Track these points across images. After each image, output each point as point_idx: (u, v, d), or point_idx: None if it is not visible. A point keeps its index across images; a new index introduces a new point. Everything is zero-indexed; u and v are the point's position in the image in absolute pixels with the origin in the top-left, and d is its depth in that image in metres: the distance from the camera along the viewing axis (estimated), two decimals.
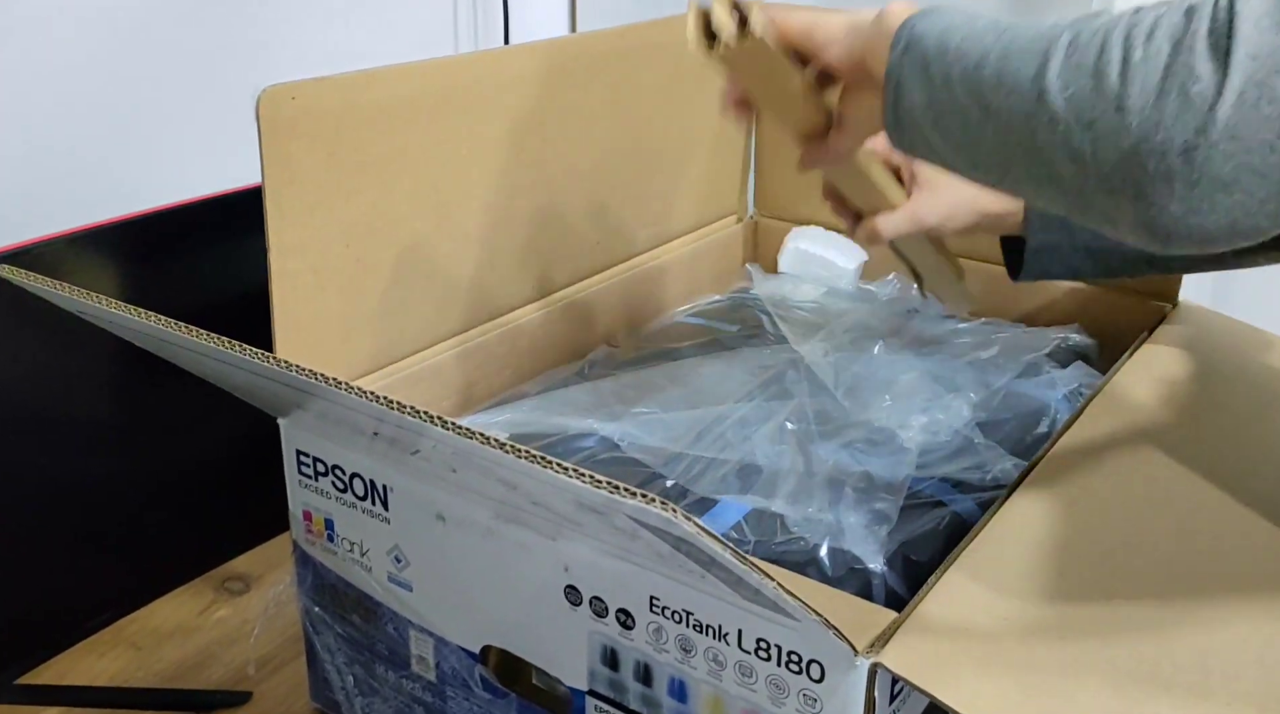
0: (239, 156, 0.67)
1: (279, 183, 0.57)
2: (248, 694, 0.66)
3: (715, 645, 0.45)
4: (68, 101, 0.89)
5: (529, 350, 0.78)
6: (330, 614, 0.61)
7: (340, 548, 0.59)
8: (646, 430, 0.64)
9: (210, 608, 0.74)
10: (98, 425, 0.69)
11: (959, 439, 0.64)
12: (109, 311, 0.44)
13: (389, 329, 0.67)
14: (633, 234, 0.87)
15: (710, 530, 0.33)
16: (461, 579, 0.54)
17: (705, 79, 0.90)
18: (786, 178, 0.96)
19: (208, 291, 0.72)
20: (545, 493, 0.40)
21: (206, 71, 0.97)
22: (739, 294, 0.88)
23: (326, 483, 0.58)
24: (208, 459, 0.75)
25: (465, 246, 0.71)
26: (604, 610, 0.49)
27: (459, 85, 0.67)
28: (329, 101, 0.59)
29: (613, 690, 0.50)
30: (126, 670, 0.68)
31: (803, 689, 0.44)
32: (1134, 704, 0.42)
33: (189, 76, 0.96)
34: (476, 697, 0.56)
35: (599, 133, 0.80)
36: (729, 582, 0.40)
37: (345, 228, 0.62)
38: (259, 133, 0.54)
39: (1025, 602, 0.47)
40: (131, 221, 0.68)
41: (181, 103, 0.96)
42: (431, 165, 0.67)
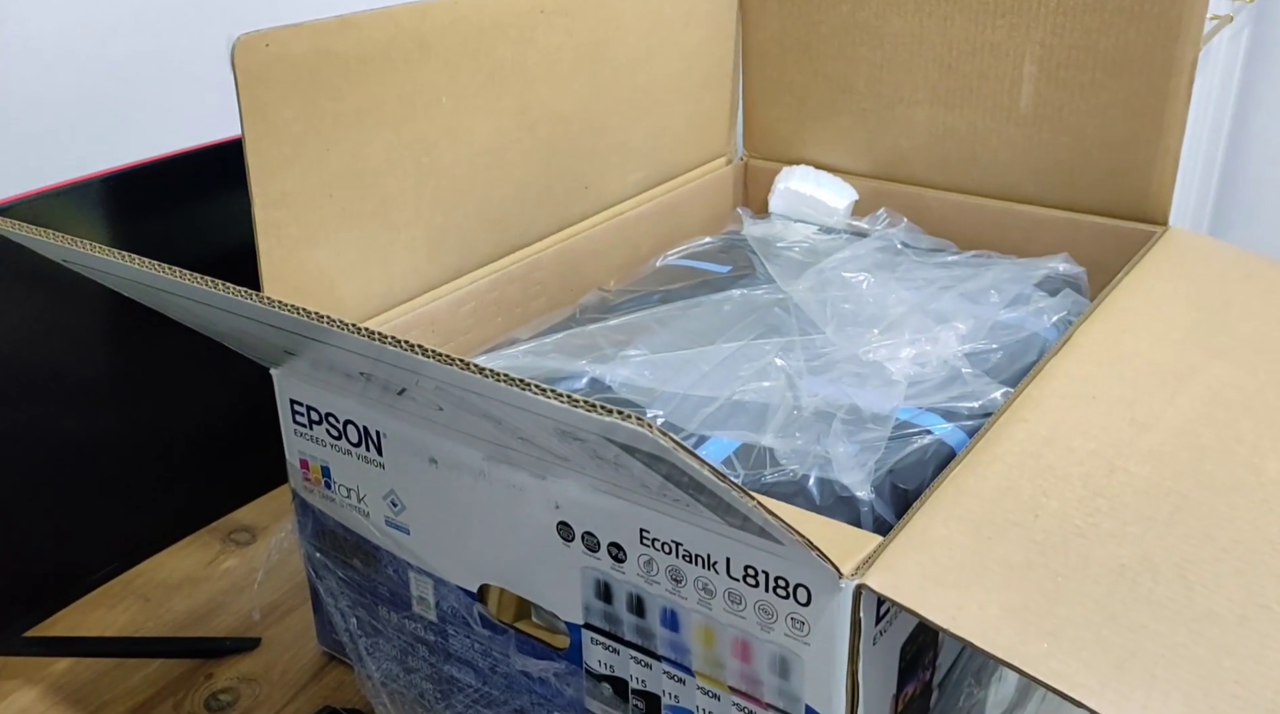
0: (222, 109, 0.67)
1: (258, 133, 0.57)
2: (257, 640, 0.68)
3: (705, 574, 0.46)
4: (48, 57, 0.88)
5: (520, 297, 0.78)
6: (332, 559, 0.62)
7: (338, 494, 0.60)
8: (637, 371, 0.64)
9: (217, 559, 0.75)
10: (100, 381, 0.69)
11: (947, 370, 0.64)
12: (98, 257, 0.45)
13: (377, 279, 0.67)
14: (622, 178, 0.87)
15: (686, 446, 0.33)
16: (456, 521, 0.55)
17: (691, 19, 0.89)
18: (776, 118, 0.96)
19: (194, 245, 0.73)
20: (528, 423, 0.40)
21: (185, 23, 0.96)
22: (730, 236, 0.88)
23: (321, 431, 0.59)
24: (210, 412, 0.75)
25: (451, 196, 0.71)
26: (596, 545, 0.50)
27: (437, 29, 0.67)
28: (304, 48, 0.58)
29: (607, 623, 0.51)
30: (136, 621, 0.70)
31: (790, 613, 0.44)
32: (1115, 615, 0.43)
33: (169, 28, 0.95)
34: (477, 634, 0.57)
35: (584, 76, 0.79)
36: (715, 508, 0.41)
37: (328, 178, 0.62)
38: (235, 83, 0.54)
39: (1009, 522, 0.47)
40: (116, 175, 0.68)
41: (162, 55, 0.95)
42: (412, 115, 0.66)
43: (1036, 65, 0.80)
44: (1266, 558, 0.47)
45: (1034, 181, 0.83)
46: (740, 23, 0.94)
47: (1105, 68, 0.77)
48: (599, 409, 0.34)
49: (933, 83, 0.85)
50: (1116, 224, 0.80)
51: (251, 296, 0.41)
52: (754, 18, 0.93)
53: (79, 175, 0.67)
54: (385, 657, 0.62)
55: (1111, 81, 0.77)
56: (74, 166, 0.68)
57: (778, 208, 0.91)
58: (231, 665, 0.66)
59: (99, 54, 0.91)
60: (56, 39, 0.88)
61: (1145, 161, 0.78)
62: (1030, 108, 0.81)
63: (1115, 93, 0.77)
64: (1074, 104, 0.79)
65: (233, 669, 0.66)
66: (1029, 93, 0.80)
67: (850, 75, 0.89)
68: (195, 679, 0.65)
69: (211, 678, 0.65)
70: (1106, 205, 0.81)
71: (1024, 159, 0.82)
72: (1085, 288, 0.76)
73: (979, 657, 0.57)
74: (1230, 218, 2.44)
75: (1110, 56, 0.77)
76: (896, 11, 0.85)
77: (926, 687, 0.52)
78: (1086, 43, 0.77)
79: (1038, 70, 0.80)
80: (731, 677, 0.48)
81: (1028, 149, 0.82)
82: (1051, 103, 0.80)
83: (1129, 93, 0.77)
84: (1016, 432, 0.54)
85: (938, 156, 0.87)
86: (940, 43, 0.83)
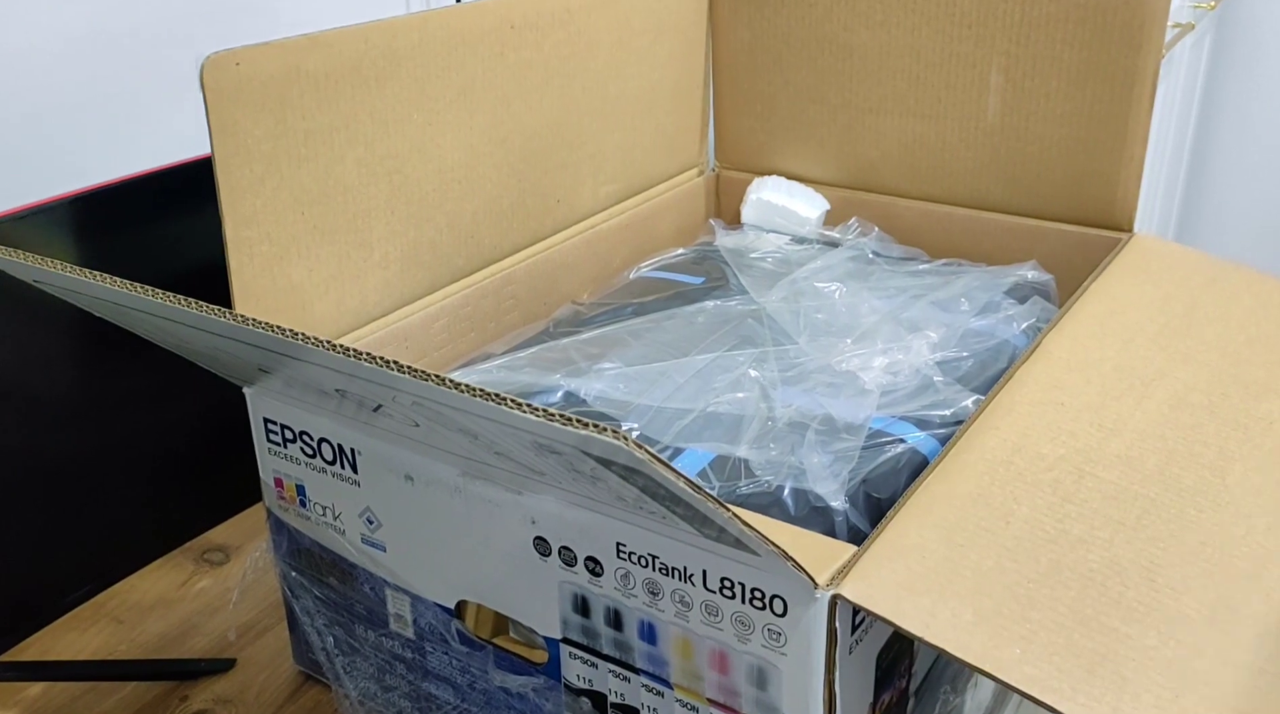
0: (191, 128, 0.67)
1: (228, 151, 0.57)
2: (232, 661, 0.67)
3: (681, 587, 0.47)
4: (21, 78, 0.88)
5: (493, 312, 0.78)
6: (308, 578, 0.62)
7: (313, 512, 0.60)
8: (611, 385, 0.64)
9: (191, 579, 0.74)
10: (70, 401, 0.69)
11: (919, 378, 0.65)
12: (69, 277, 0.44)
13: (349, 296, 0.67)
14: (594, 191, 0.87)
15: (661, 458, 0.34)
16: (433, 538, 0.55)
17: (661, 32, 0.90)
18: (746, 129, 0.96)
19: (164, 264, 0.72)
20: (505, 437, 0.40)
21: (159, 42, 0.96)
22: (702, 247, 0.89)
23: (295, 449, 0.59)
24: (182, 432, 0.75)
25: (422, 211, 0.71)
26: (573, 559, 0.50)
27: (407, 46, 0.67)
28: (273, 67, 0.58)
29: (586, 637, 0.51)
30: (110, 644, 0.69)
31: (767, 624, 0.45)
32: (1085, 619, 0.44)
33: (142, 48, 0.95)
34: (455, 650, 0.57)
35: (554, 91, 0.80)
36: (690, 519, 0.41)
37: (298, 196, 0.62)
38: (204, 102, 0.54)
39: (981, 529, 0.48)
40: (83, 196, 0.68)
41: (133, 75, 0.95)
42: (383, 131, 0.66)
43: (1003, 75, 0.81)
44: (1233, 560, 0.48)
45: (1002, 190, 0.84)
46: (710, 35, 0.95)
47: (1069, 77, 0.78)
48: (574, 422, 0.34)
49: (901, 93, 0.86)
50: (1083, 231, 0.81)
51: (225, 315, 0.41)
52: (724, 30, 0.94)
53: (44, 197, 0.67)
54: (363, 675, 0.61)
55: (1076, 91, 0.78)
56: (41, 187, 0.68)
57: (750, 218, 0.91)
58: (207, 687, 0.66)
59: (61, 75, 0.90)
60: (17, 58, 0.88)
61: (1110, 169, 0.79)
62: (997, 117, 0.82)
63: (1079, 102, 0.78)
64: (1040, 113, 0.80)
65: (208, 691, 0.65)
66: (996, 102, 0.82)
67: (820, 86, 0.90)
68: (170, 702, 0.65)
69: (187, 700, 0.65)
70: (1073, 212, 0.82)
71: (992, 167, 0.83)
72: (1054, 294, 0.77)
73: (953, 665, 0.58)
74: (1195, 223, 2.48)
75: (1074, 66, 0.78)
76: (864, 23, 0.86)
77: (903, 694, 0.52)
78: (1050, 53, 0.78)
79: (1004, 80, 0.81)
80: (710, 688, 0.48)
81: (995, 158, 0.83)
82: (1018, 112, 0.81)
83: (1093, 101, 0.78)
84: (988, 439, 0.54)
85: (907, 166, 0.87)
86: (908, 54, 0.84)
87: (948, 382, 0.65)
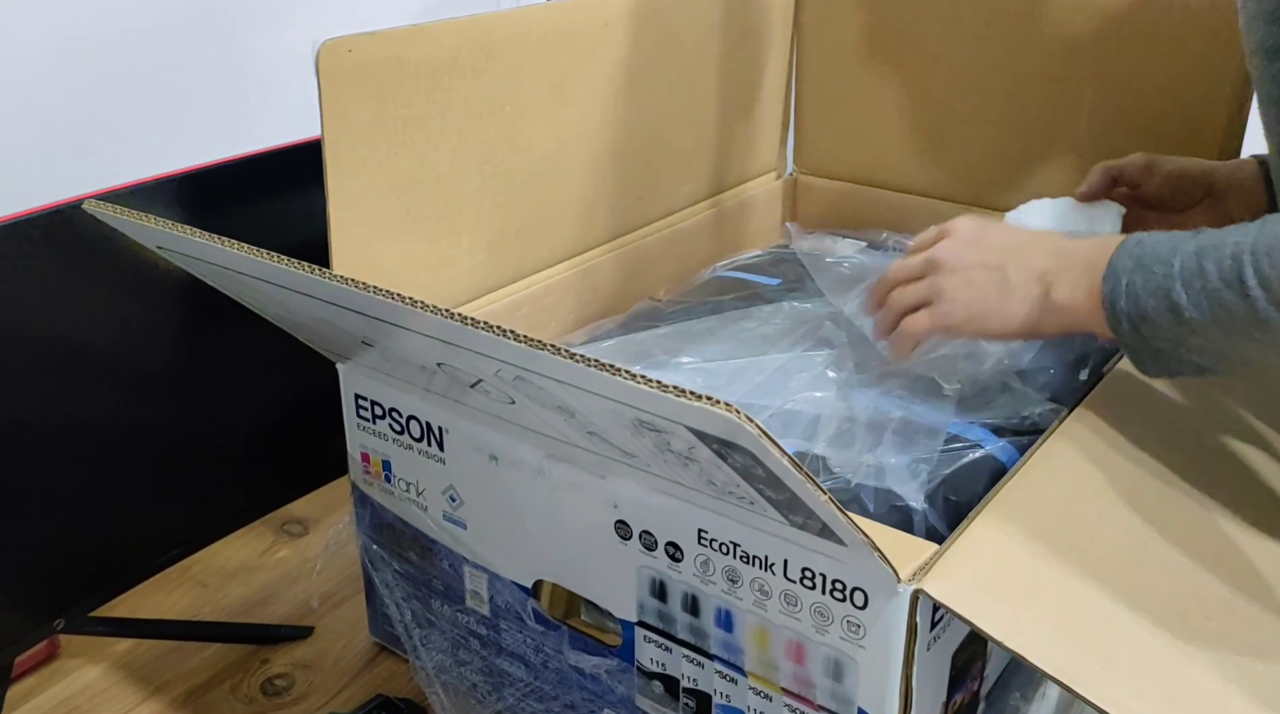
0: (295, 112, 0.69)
1: (337, 135, 0.59)
2: (310, 629, 0.69)
3: (761, 576, 0.47)
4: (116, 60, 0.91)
5: (574, 303, 0.80)
6: (388, 552, 0.64)
7: (397, 488, 0.61)
8: (690, 378, 0.65)
9: (271, 549, 0.77)
10: (165, 374, 0.71)
11: (998, 385, 0.65)
12: (195, 242, 0.46)
13: (438, 281, 0.69)
14: (674, 190, 0.88)
15: (772, 436, 0.34)
16: (514, 517, 0.56)
17: (747, 36, 0.91)
18: (827, 134, 0.97)
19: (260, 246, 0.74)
20: (604, 414, 0.41)
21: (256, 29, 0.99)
22: (779, 250, 0.89)
23: (384, 425, 0.61)
24: (268, 407, 0.77)
25: (510, 201, 0.73)
26: (653, 544, 0.51)
27: (503, 40, 0.69)
28: (380, 55, 0.60)
29: (661, 621, 0.52)
30: (194, 606, 0.71)
31: (846, 616, 0.45)
32: (1166, 645, 0.43)
33: (240, 34, 0.98)
34: (529, 629, 0.58)
35: (643, 89, 0.81)
36: (780, 504, 0.42)
37: (394, 181, 0.64)
38: (318, 85, 0.56)
39: (1061, 539, 0.48)
40: (188, 175, 0.70)
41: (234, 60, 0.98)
42: (477, 122, 0.68)
43: (1094, 90, 0.80)
44: None
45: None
46: (795, 40, 0.95)
47: (1161, 92, 0.78)
48: (687, 394, 0.35)
49: (986, 104, 0.86)
50: None
51: (347, 281, 0.43)
52: (809, 36, 0.94)
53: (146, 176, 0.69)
54: (438, 649, 0.63)
55: (1167, 105, 0.78)
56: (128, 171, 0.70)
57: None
58: (286, 652, 0.68)
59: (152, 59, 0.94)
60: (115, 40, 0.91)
61: None
62: (1087, 131, 0.81)
63: (1171, 116, 0.78)
64: (1131, 128, 0.79)
65: (288, 656, 0.68)
66: (1086, 116, 0.81)
67: (902, 95, 0.90)
68: (251, 664, 0.67)
69: (268, 663, 0.67)
70: None
71: (1079, 180, 0.83)
72: None
73: (1025, 672, 0.58)
74: None
75: (1166, 80, 0.77)
76: (952, 34, 0.86)
77: (974, 697, 0.53)
78: (1145, 67, 0.78)
79: (1095, 95, 0.80)
80: (784, 678, 0.49)
81: (1083, 171, 0.83)
82: (1109, 126, 0.80)
83: (1185, 116, 0.77)
84: (1069, 449, 0.54)
85: (989, 176, 0.87)
86: (995, 66, 0.84)
87: (1026, 390, 0.64)
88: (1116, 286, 0.51)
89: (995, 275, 0.58)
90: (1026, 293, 0.56)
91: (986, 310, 0.58)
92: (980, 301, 0.58)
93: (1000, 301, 0.57)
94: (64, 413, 0.62)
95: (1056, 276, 0.55)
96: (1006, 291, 0.57)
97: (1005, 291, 0.57)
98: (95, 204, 0.50)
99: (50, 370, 0.60)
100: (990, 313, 0.57)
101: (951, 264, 0.59)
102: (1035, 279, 0.56)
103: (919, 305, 0.60)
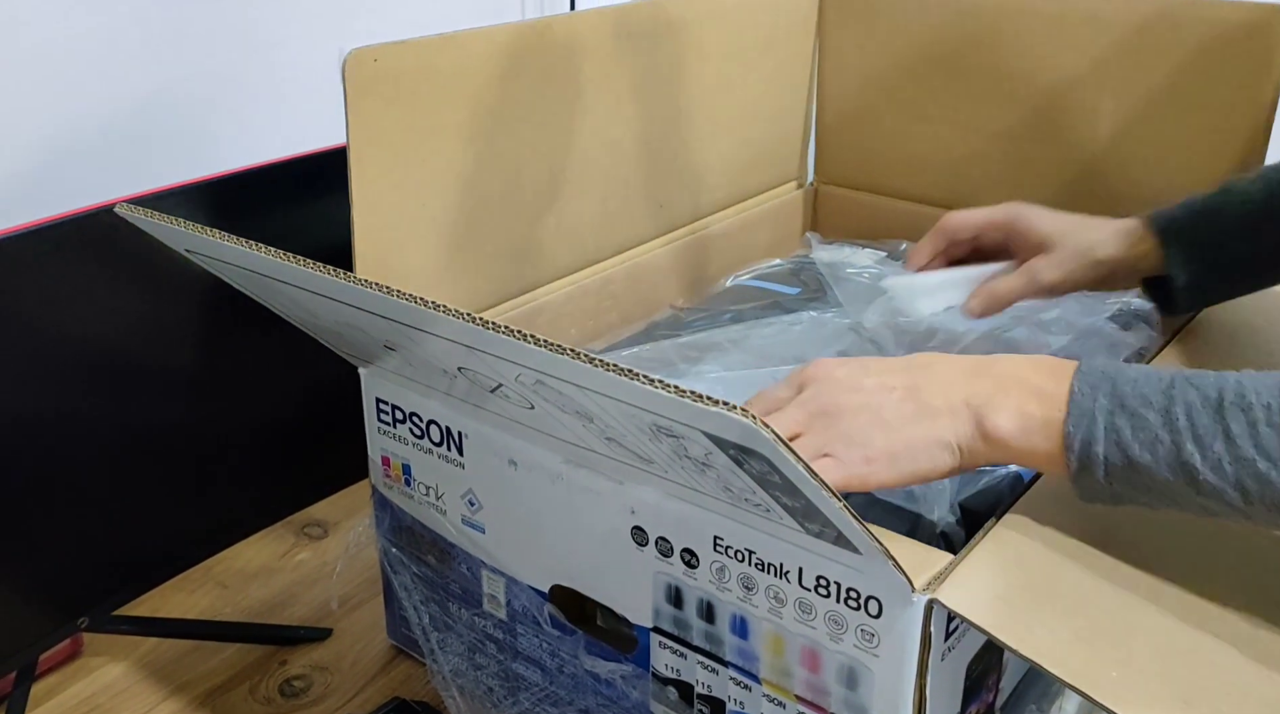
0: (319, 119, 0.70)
1: (362, 142, 0.59)
2: (329, 630, 0.70)
3: (776, 583, 0.47)
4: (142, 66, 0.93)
5: (593, 309, 0.80)
6: (407, 555, 0.64)
7: (417, 491, 0.62)
8: (710, 387, 0.65)
9: (291, 551, 0.78)
10: (188, 376, 0.72)
11: None
12: (224, 246, 0.47)
13: (460, 286, 0.70)
14: (695, 199, 0.89)
15: (788, 443, 0.35)
16: (532, 522, 0.57)
17: (769, 46, 0.91)
18: (848, 144, 0.97)
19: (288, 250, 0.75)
20: (623, 418, 0.42)
21: (283, 37, 1.00)
22: (799, 259, 0.90)
23: (404, 430, 0.61)
24: (289, 410, 0.78)
25: (533, 209, 0.73)
26: (669, 550, 0.51)
27: (528, 49, 0.69)
28: (406, 64, 0.61)
29: (676, 628, 0.52)
30: (215, 606, 0.72)
31: (861, 625, 0.45)
32: (1182, 650, 0.43)
33: (260, 40, 0.99)
34: (545, 634, 0.58)
35: (664, 98, 0.81)
36: (795, 511, 0.42)
37: (419, 187, 0.65)
38: (344, 93, 0.57)
39: (1079, 549, 0.48)
40: (218, 181, 0.71)
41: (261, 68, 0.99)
42: (501, 130, 0.69)
43: (1115, 101, 0.80)
44: None
45: (1109, 215, 0.83)
46: (817, 51, 0.96)
47: (1182, 104, 0.77)
48: (705, 400, 0.35)
49: (1009, 116, 0.86)
50: None
51: (371, 285, 0.44)
52: (831, 47, 0.95)
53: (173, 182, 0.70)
54: (454, 652, 0.64)
55: (1187, 118, 0.77)
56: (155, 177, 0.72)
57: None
58: (304, 654, 0.68)
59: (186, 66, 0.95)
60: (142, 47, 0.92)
61: None
62: (1107, 143, 0.81)
63: (1190, 129, 0.77)
64: (1150, 139, 0.79)
65: (306, 657, 0.68)
66: (1106, 128, 0.81)
67: (924, 106, 0.90)
68: (270, 665, 0.68)
69: (286, 664, 0.68)
70: None
71: (1100, 191, 0.83)
72: (1157, 323, 0.76)
73: (1041, 686, 0.58)
74: None
75: (1187, 94, 0.77)
76: (974, 46, 0.86)
77: (990, 709, 0.52)
78: (1165, 81, 0.78)
79: (1116, 106, 0.80)
80: (798, 685, 0.49)
81: (1105, 183, 0.83)
82: (1128, 137, 0.80)
83: (1204, 130, 0.77)
84: None
85: (1011, 187, 0.87)
86: (1018, 77, 0.84)
87: None
88: (1091, 428, 0.44)
89: (907, 403, 0.46)
90: (954, 421, 0.46)
91: (911, 446, 0.46)
92: (899, 437, 0.45)
93: (924, 431, 0.45)
94: (89, 414, 0.63)
95: (987, 401, 0.46)
96: (929, 419, 0.46)
97: (926, 420, 0.46)
98: (127, 208, 0.51)
99: (75, 372, 0.61)
100: (916, 448, 0.46)
101: (843, 399, 0.47)
102: (961, 403, 0.46)
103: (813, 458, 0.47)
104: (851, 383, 0.48)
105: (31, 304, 0.58)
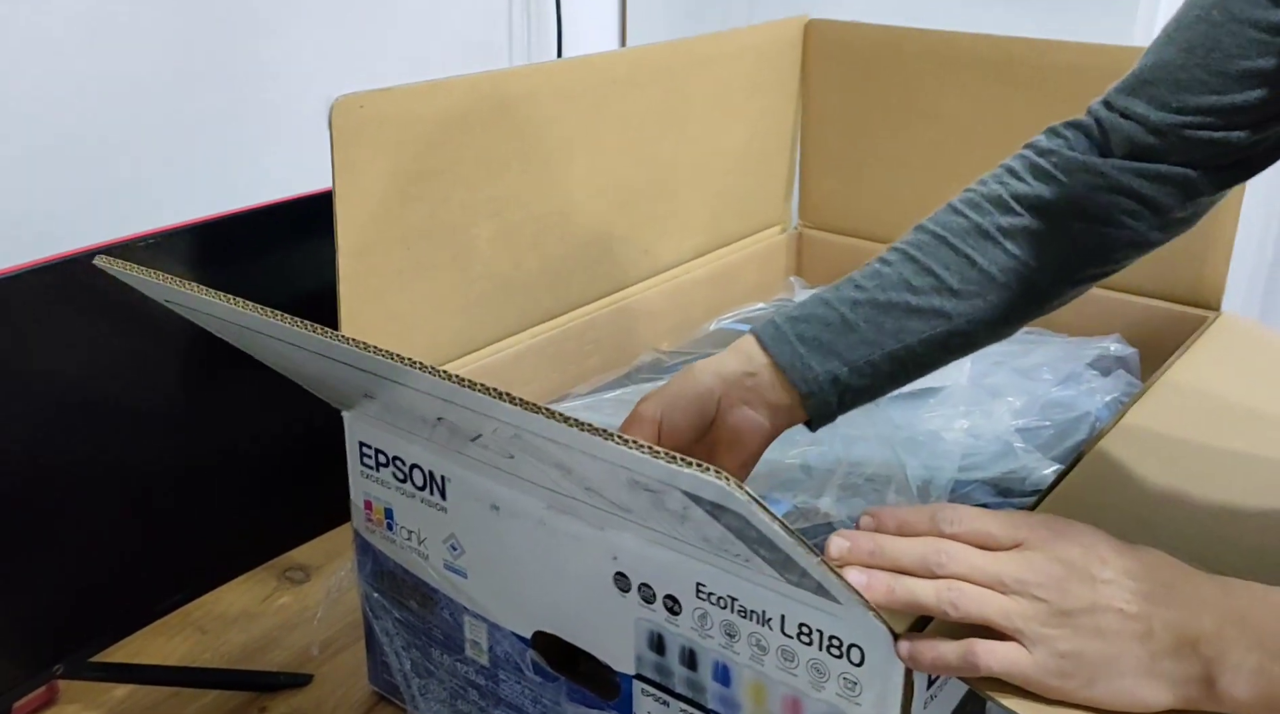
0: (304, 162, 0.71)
1: (348, 188, 0.60)
2: (309, 676, 0.69)
3: (758, 630, 0.47)
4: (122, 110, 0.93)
5: (575, 354, 0.81)
6: (389, 600, 0.64)
7: (399, 536, 0.62)
8: None
9: (272, 595, 0.77)
10: (167, 418, 0.72)
11: (1000, 444, 0.65)
12: (201, 298, 0.47)
13: (444, 330, 0.70)
14: (679, 243, 0.89)
15: (763, 502, 0.35)
16: (514, 568, 0.56)
17: (755, 93, 0.93)
18: (831, 190, 0.98)
19: (270, 295, 0.75)
20: (599, 473, 0.42)
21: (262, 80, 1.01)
22: (782, 303, 0.90)
23: (387, 474, 0.61)
24: (270, 454, 0.78)
25: (518, 253, 0.74)
26: (651, 597, 0.51)
27: (515, 96, 0.70)
28: (392, 111, 0.62)
29: (659, 675, 0.52)
30: (194, 652, 0.71)
31: (843, 673, 0.45)
32: None
33: (248, 83, 1.00)
34: (528, 680, 0.58)
35: (650, 144, 0.82)
36: (775, 563, 0.42)
37: (405, 233, 0.65)
38: (330, 140, 0.58)
39: None
40: (203, 225, 0.72)
41: (243, 110, 1.00)
42: (486, 176, 0.70)
43: None
44: None
45: None
46: (801, 97, 0.97)
47: None
48: (676, 460, 0.35)
49: (988, 160, 0.87)
50: (1169, 307, 0.81)
51: (345, 340, 0.44)
52: (815, 93, 0.96)
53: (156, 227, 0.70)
54: (436, 699, 0.63)
55: None
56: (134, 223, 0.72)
57: None
58: (284, 700, 0.68)
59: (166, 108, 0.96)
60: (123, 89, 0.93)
61: (1199, 247, 0.79)
62: None
63: None
64: None
65: (285, 704, 0.67)
66: None
67: (906, 151, 0.92)
68: (250, 712, 0.67)
69: (265, 711, 0.67)
70: (1159, 288, 0.82)
71: None
72: (1137, 369, 0.77)
73: None
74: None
75: None
76: (955, 93, 0.87)
77: None
78: None
79: None
80: None
81: None
82: None
83: None
84: (1068, 510, 0.54)
85: None
86: (997, 122, 0.86)
87: (1028, 449, 0.65)
88: None
89: (1134, 625, 0.40)
90: (1176, 665, 0.39)
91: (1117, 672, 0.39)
92: (1110, 663, 0.39)
93: (1138, 666, 0.39)
94: (67, 456, 0.62)
95: (1225, 654, 0.38)
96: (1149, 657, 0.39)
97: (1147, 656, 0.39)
98: (105, 260, 0.51)
99: (53, 413, 0.61)
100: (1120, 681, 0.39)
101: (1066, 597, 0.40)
102: (1189, 646, 0.39)
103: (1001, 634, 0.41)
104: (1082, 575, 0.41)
105: (8, 345, 0.57)
